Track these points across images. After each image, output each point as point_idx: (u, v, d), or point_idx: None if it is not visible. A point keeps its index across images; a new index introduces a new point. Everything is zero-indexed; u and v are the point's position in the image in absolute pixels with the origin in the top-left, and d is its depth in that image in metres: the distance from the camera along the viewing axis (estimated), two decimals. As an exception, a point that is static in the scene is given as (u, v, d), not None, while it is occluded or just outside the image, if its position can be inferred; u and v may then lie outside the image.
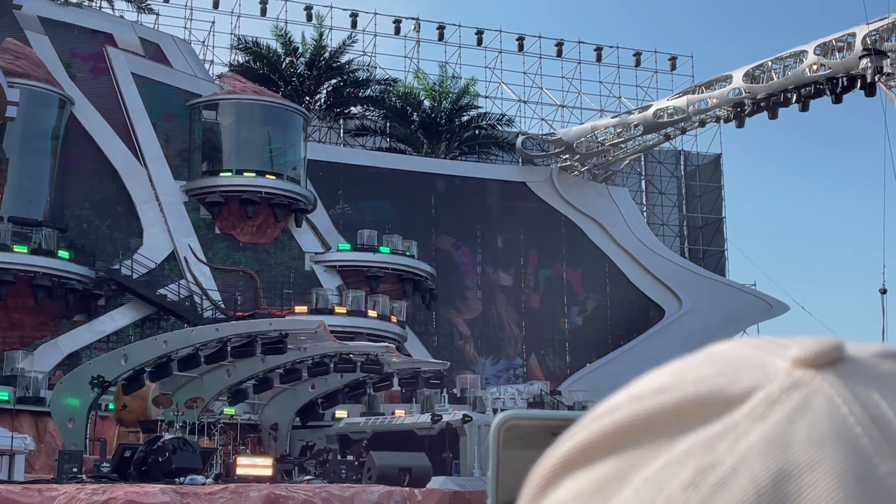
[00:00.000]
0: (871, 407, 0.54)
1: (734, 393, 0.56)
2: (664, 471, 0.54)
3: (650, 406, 0.57)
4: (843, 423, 0.54)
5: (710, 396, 0.56)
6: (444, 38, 57.80)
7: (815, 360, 0.56)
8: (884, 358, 0.58)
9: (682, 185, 61.21)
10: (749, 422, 0.54)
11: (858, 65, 40.17)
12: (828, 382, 0.55)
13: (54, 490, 18.67)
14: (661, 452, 0.55)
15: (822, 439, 0.53)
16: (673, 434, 0.55)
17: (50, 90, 41.59)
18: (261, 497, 19.38)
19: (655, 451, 0.55)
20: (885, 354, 0.58)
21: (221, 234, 44.42)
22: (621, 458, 0.56)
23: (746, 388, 0.56)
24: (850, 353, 0.57)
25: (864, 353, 0.58)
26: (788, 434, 0.53)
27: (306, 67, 53.07)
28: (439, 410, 32.62)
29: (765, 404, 0.55)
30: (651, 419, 0.56)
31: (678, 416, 0.56)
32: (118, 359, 27.99)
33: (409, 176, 50.27)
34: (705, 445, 0.54)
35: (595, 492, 0.56)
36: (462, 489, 23.38)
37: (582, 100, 60.20)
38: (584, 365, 51.14)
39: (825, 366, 0.56)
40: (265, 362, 30.31)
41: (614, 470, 0.56)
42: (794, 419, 0.54)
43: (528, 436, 0.73)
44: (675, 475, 0.53)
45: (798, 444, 0.53)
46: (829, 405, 0.54)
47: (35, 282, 37.96)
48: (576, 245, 53.14)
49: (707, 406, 0.56)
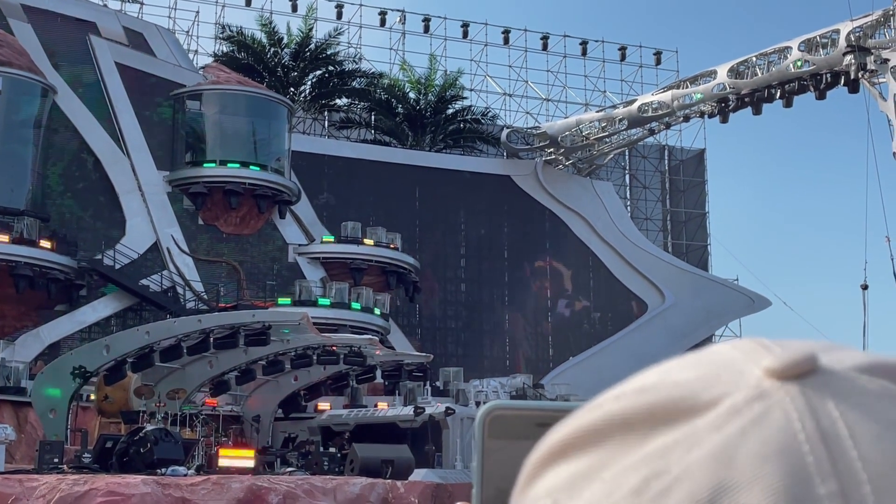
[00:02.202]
0: (827, 424, 0.53)
1: (704, 399, 0.55)
2: (620, 474, 0.55)
3: (627, 405, 0.57)
4: (792, 440, 0.53)
5: (682, 401, 0.56)
6: (429, 31, 57.74)
7: (784, 371, 0.55)
8: (861, 372, 0.56)
9: (666, 179, 61.37)
10: (707, 431, 0.54)
11: (842, 61, 40.34)
12: (790, 396, 0.55)
13: (35, 480, 18.60)
14: (629, 453, 0.55)
15: (768, 456, 0.52)
16: (643, 436, 0.56)
17: (32, 79, 41.32)
18: (243, 489, 19.36)
19: (625, 451, 0.55)
20: (864, 368, 0.56)
21: (205, 224, 44.28)
22: (595, 456, 0.56)
23: (716, 396, 0.55)
24: (824, 365, 0.56)
25: (842, 365, 0.57)
26: (738, 447, 0.53)
27: (291, 58, 52.91)
28: (422, 403, 32.63)
29: (726, 414, 0.54)
30: (625, 419, 0.57)
31: (649, 418, 0.56)
32: (100, 349, 27.88)
33: (394, 168, 50.21)
34: (661, 451, 0.54)
35: (566, 487, 0.57)
36: (444, 481, 23.41)
37: (567, 94, 60.31)
38: (567, 358, 51.25)
39: (794, 377, 0.55)
40: (248, 354, 30.25)
41: (587, 467, 0.56)
42: (748, 432, 0.53)
43: (512, 426, 0.73)
44: (627, 480, 0.54)
45: (743, 458, 0.52)
46: (784, 419, 0.54)
47: (16, 271, 37.75)
48: (559, 239, 53.21)
49: (676, 411, 0.56)
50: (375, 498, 20.93)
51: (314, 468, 25.19)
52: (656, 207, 60.72)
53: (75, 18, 44.59)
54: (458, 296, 51.53)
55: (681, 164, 61.13)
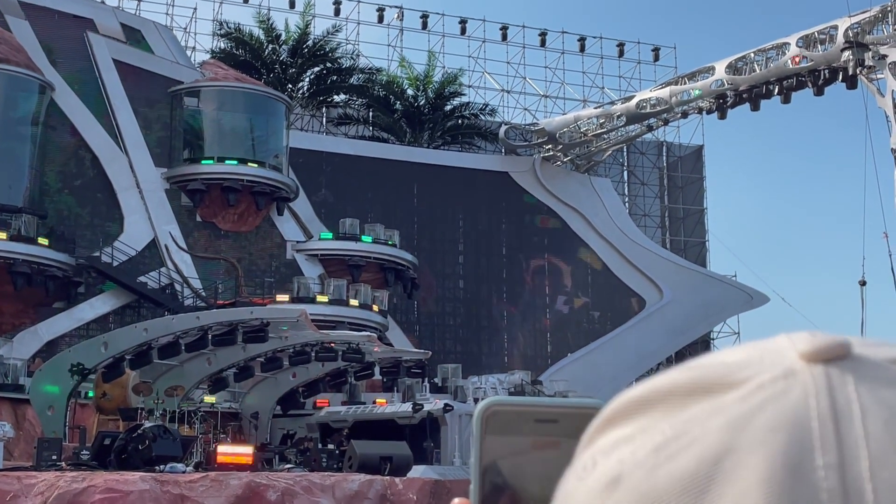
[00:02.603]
0: (841, 403, 0.57)
1: (738, 377, 0.60)
2: (649, 435, 0.61)
3: (672, 379, 0.62)
4: (803, 414, 0.57)
5: (719, 378, 0.61)
6: (427, 27, 57.69)
7: (815, 354, 0.59)
8: (894, 363, 0.60)
9: (664, 175, 61.36)
10: (732, 403, 0.59)
11: (840, 57, 40.34)
12: (813, 376, 0.59)
13: (33, 477, 18.58)
14: (665, 421, 0.61)
15: (777, 426, 0.57)
16: (681, 406, 0.61)
17: (30, 75, 41.26)
18: (241, 485, 19.35)
19: (663, 419, 0.61)
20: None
21: (202, 221, 44.25)
22: (638, 423, 0.62)
23: (750, 375, 0.60)
24: (857, 353, 0.60)
25: (876, 356, 0.60)
26: (753, 417, 0.58)
27: (289, 55, 52.86)
28: (420, 399, 32.64)
29: (752, 390, 0.59)
30: (669, 391, 0.62)
31: (689, 391, 0.61)
32: (98, 346, 27.86)
33: (392, 165, 50.19)
34: (689, 419, 0.60)
35: (607, 450, 0.63)
36: (443, 478, 23.41)
37: (565, 90, 60.28)
38: (565, 355, 51.26)
39: (823, 361, 0.59)
40: (246, 351, 30.25)
41: (629, 432, 0.62)
42: (766, 405, 0.58)
43: (511, 423, 0.74)
44: (652, 440, 0.60)
45: (754, 427, 0.57)
46: (802, 396, 0.58)
47: (14, 269, 37.71)
48: (558, 235, 53.21)
49: (713, 385, 0.60)
50: (374, 494, 20.93)
51: (313, 465, 25.19)
52: (654, 204, 60.72)
53: (73, 15, 44.53)
54: (456, 292, 51.54)
55: (679, 161, 61.12)
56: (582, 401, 0.76)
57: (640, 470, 0.59)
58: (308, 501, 19.70)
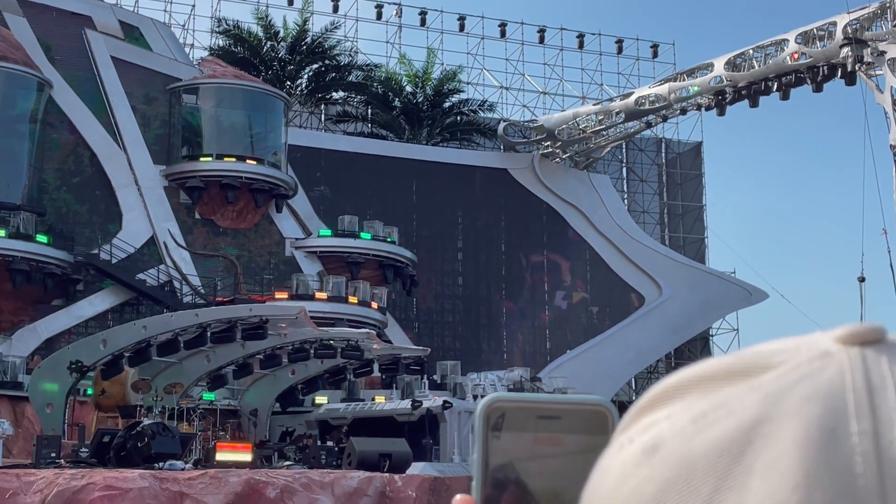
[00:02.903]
0: (876, 379, 0.61)
1: (775, 361, 0.64)
2: (686, 410, 0.64)
3: (709, 365, 0.66)
4: (839, 387, 0.60)
5: (757, 362, 0.64)
6: (426, 24, 57.65)
7: (850, 338, 0.63)
8: None
9: (663, 172, 61.36)
10: (769, 381, 0.63)
11: (839, 53, 40.33)
12: (849, 356, 0.62)
13: (32, 475, 18.58)
14: (701, 401, 0.64)
15: (812, 397, 0.60)
16: (716, 389, 0.64)
17: (28, 73, 41.20)
18: (240, 483, 19.35)
19: (698, 400, 0.65)
20: None
21: (201, 219, 44.23)
22: (675, 406, 0.65)
23: (787, 358, 0.64)
24: (891, 339, 0.63)
25: None
26: (789, 391, 0.61)
27: (287, 52, 52.82)
28: (419, 396, 32.61)
29: (789, 369, 0.63)
30: (706, 375, 0.65)
31: (727, 374, 0.65)
32: (97, 344, 27.84)
33: (391, 162, 50.16)
34: (726, 396, 0.64)
35: (643, 429, 0.66)
36: (442, 475, 23.40)
37: (564, 87, 60.26)
38: (565, 351, 51.27)
39: (858, 343, 0.63)
40: (245, 348, 30.22)
41: (666, 413, 0.66)
42: (801, 381, 0.62)
43: (513, 419, 0.75)
44: (690, 413, 0.64)
45: (790, 398, 0.61)
46: (837, 372, 0.61)
47: (13, 266, 37.68)
48: (557, 232, 53.21)
49: (750, 369, 0.64)
50: (373, 491, 20.93)
51: (312, 462, 25.17)
52: (653, 200, 60.72)
53: (71, 12, 44.46)
54: (455, 289, 51.54)
55: (678, 157, 61.11)
56: (584, 397, 0.77)
57: (679, 438, 0.63)
58: (307, 498, 19.70)
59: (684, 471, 0.62)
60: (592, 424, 0.76)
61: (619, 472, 0.65)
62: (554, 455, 0.74)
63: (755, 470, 0.59)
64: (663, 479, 0.62)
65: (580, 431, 0.75)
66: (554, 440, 0.75)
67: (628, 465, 0.64)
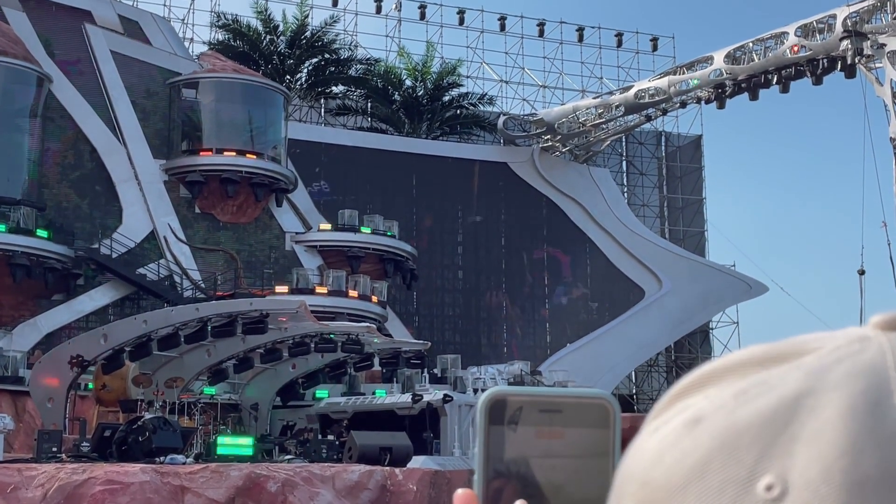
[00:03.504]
0: None
1: (812, 347, 0.67)
2: (727, 388, 0.67)
3: (745, 352, 0.69)
4: (881, 365, 0.64)
5: (793, 348, 0.68)
6: (425, 18, 57.60)
7: (888, 323, 0.67)
8: None
9: (663, 165, 61.34)
10: (810, 361, 0.66)
11: (839, 46, 40.30)
12: (888, 339, 0.66)
13: (34, 469, 18.62)
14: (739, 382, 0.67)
15: (855, 373, 0.64)
16: (754, 373, 0.67)
17: (28, 67, 41.18)
18: (241, 476, 19.38)
19: (735, 383, 0.67)
20: None
21: (201, 213, 44.23)
22: (709, 391, 0.68)
23: (824, 344, 0.67)
24: None
25: None
26: (831, 368, 0.65)
27: (287, 46, 52.77)
28: (420, 390, 32.66)
29: (829, 351, 0.66)
30: (742, 362, 0.68)
31: (763, 360, 0.68)
32: (97, 338, 27.87)
33: (391, 156, 50.15)
34: (766, 376, 0.67)
35: (679, 411, 0.68)
36: (443, 468, 23.45)
37: (563, 80, 60.21)
38: (565, 345, 51.30)
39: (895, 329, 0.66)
40: (245, 342, 30.26)
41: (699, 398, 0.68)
42: (844, 359, 0.65)
43: (515, 412, 0.75)
44: (730, 389, 0.67)
45: (834, 373, 0.64)
46: (878, 352, 0.65)
47: (13, 261, 37.70)
48: (556, 225, 53.20)
49: (787, 354, 0.67)
50: (374, 485, 20.97)
51: (312, 456, 25.22)
52: (653, 194, 60.71)
53: (70, 7, 44.41)
54: (455, 283, 51.55)
55: (678, 151, 61.09)
56: (586, 391, 0.77)
57: (721, 411, 0.66)
58: (308, 492, 19.74)
59: (729, 440, 0.64)
60: (594, 418, 0.76)
61: (657, 448, 0.67)
62: (556, 448, 0.75)
63: (800, 438, 0.62)
64: (707, 449, 0.64)
65: (582, 425, 0.75)
66: (556, 434, 0.75)
67: (669, 439, 0.66)
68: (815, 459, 0.61)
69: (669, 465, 0.66)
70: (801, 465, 0.62)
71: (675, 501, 0.65)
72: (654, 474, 0.66)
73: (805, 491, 0.61)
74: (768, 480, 0.62)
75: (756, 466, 0.63)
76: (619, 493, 0.69)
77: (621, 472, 0.69)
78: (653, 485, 0.66)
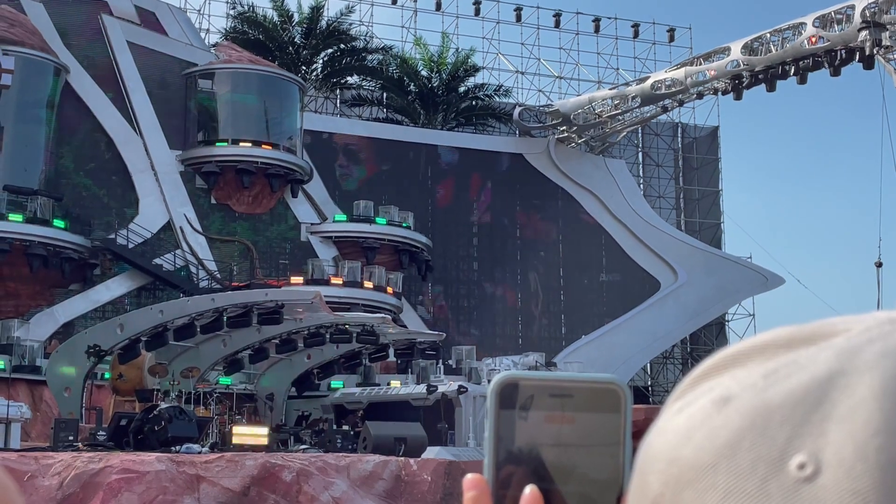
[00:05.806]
0: None
1: (840, 329, 0.67)
2: (753, 370, 0.67)
3: (770, 334, 0.69)
4: None
5: (820, 330, 0.67)
6: (441, 8, 57.49)
7: None
8: None
9: (679, 157, 61.11)
10: (840, 342, 0.65)
11: (857, 37, 40.01)
12: None
13: (50, 458, 18.72)
14: (767, 363, 0.67)
15: (888, 353, 0.63)
16: (780, 355, 0.67)
17: (45, 58, 41.33)
18: (256, 466, 19.45)
19: (761, 364, 0.67)
20: None
21: (217, 204, 44.34)
22: (733, 373, 0.68)
23: (852, 326, 0.67)
24: None
25: None
26: (862, 349, 0.64)
27: (303, 36, 52.76)
28: (435, 381, 32.70)
29: (859, 332, 0.66)
30: (766, 344, 0.68)
31: (789, 342, 0.67)
32: (114, 328, 28.01)
33: (406, 147, 50.13)
34: (795, 356, 0.66)
35: (704, 392, 0.68)
36: (457, 459, 23.48)
37: (579, 71, 60.03)
38: (580, 336, 51.23)
39: None
40: (261, 332, 30.33)
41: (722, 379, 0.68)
42: (875, 340, 0.64)
43: (526, 397, 0.74)
44: (758, 371, 0.66)
45: (865, 355, 0.63)
46: None
47: (30, 251, 37.89)
48: (572, 217, 53.10)
49: (814, 336, 0.67)
50: (388, 475, 21.01)
51: (327, 446, 25.29)
52: (669, 185, 60.50)
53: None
54: (470, 274, 51.52)
55: (694, 142, 60.85)
56: (597, 375, 0.76)
57: (751, 390, 0.65)
58: (323, 482, 19.79)
59: (760, 419, 0.64)
60: (605, 403, 0.75)
61: (686, 427, 0.66)
62: (566, 433, 0.74)
63: (833, 417, 0.62)
64: (738, 427, 0.64)
65: (593, 409, 0.74)
66: (567, 418, 0.74)
67: (697, 418, 0.66)
68: (849, 438, 0.61)
69: (699, 443, 0.65)
70: (835, 444, 0.61)
71: (705, 479, 0.64)
72: (683, 452, 0.66)
73: (839, 469, 0.60)
74: (800, 459, 0.62)
75: (788, 445, 0.62)
76: (644, 471, 0.68)
77: (645, 450, 0.69)
78: (681, 463, 0.66)
